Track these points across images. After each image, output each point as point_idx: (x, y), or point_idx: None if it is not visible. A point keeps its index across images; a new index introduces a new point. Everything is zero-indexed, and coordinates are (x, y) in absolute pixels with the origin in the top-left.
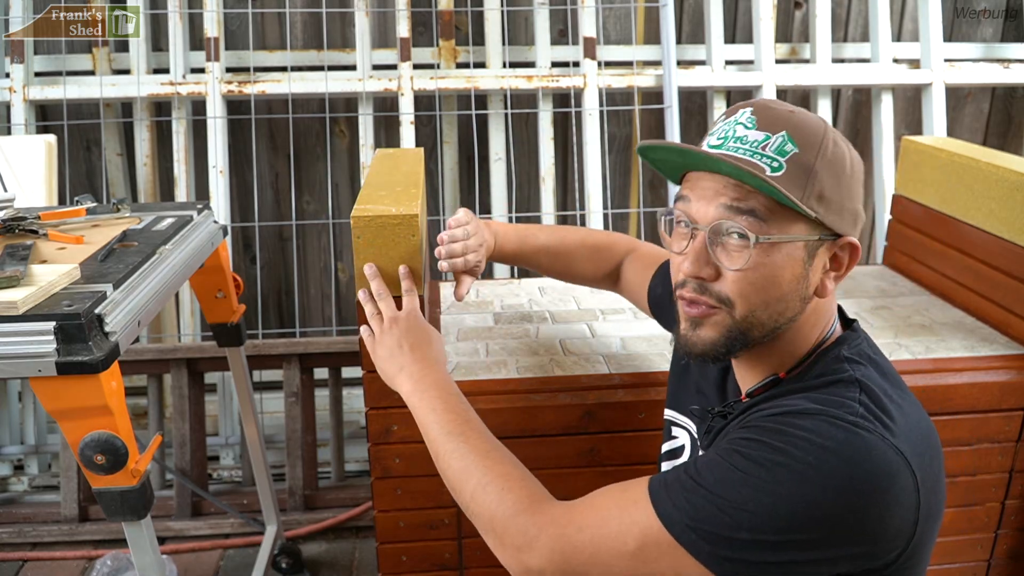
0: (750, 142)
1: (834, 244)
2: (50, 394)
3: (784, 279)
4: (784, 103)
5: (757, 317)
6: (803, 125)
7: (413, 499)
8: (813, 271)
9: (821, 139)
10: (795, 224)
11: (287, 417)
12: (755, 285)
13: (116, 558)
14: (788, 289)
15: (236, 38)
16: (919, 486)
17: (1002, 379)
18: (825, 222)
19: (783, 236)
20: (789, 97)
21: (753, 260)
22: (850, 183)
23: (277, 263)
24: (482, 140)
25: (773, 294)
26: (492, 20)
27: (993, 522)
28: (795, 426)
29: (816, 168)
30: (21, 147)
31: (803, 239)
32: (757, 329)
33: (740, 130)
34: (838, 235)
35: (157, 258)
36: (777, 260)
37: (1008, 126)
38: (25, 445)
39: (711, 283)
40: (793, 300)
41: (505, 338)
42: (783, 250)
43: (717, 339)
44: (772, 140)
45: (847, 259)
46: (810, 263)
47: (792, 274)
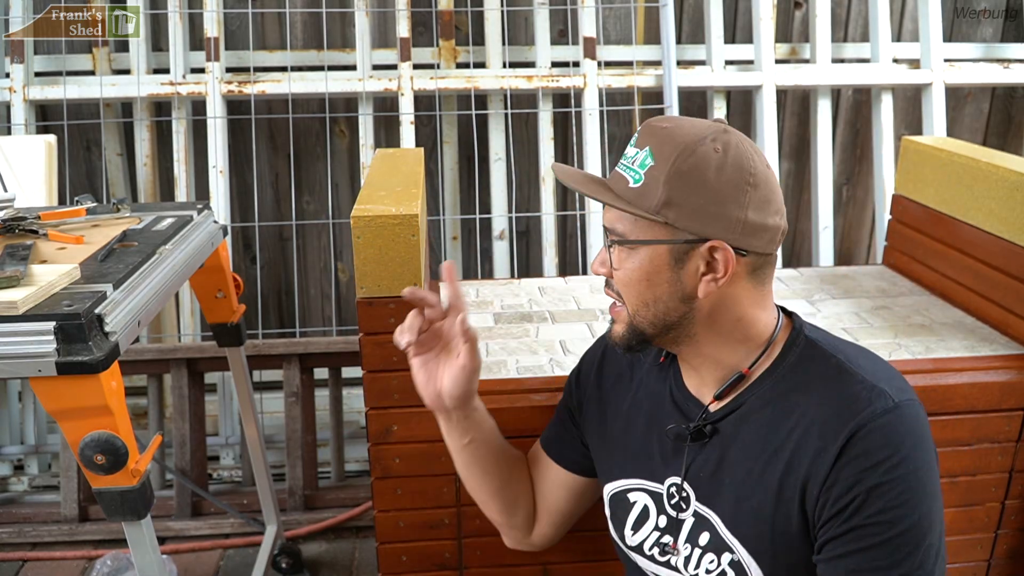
0: (629, 158)
1: (701, 248)
2: (50, 394)
3: (655, 281)
4: (678, 119)
5: (643, 315)
6: (668, 139)
7: (413, 499)
8: (686, 274)
9: (679, 151)
10: (653, 231)
11: (287, 417)
12: (628, 285)
13: (116, 558)
14: (661, 291)
15: (236, 38)
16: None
17: (1002, 379)
18: (679, 226)
19: (637, 240)
20: (789, 97)
21: (620, 261)
22: (716, 189)
23: (277, 263)
24: (482, 140)
25: (648, 295)
26: (492, 20)
27: (993, 522)
28: (876, 452)
29: (663, 178)
30: (21, 147)
31: (660, 243)
32: (648, 327)
33: (628, 147)
34: (703, 239)
35: (157, 258)
36: (642, 263)
37: (1008, 126)
38: (25, 445)
39: (612, 280)
40: (671, 301)
41: (505, 338)
42: (644, 253)
43: (623, 333)
44: (639, 155)
45: (722, 263)
46: (679, 267)
47: (661, 277)
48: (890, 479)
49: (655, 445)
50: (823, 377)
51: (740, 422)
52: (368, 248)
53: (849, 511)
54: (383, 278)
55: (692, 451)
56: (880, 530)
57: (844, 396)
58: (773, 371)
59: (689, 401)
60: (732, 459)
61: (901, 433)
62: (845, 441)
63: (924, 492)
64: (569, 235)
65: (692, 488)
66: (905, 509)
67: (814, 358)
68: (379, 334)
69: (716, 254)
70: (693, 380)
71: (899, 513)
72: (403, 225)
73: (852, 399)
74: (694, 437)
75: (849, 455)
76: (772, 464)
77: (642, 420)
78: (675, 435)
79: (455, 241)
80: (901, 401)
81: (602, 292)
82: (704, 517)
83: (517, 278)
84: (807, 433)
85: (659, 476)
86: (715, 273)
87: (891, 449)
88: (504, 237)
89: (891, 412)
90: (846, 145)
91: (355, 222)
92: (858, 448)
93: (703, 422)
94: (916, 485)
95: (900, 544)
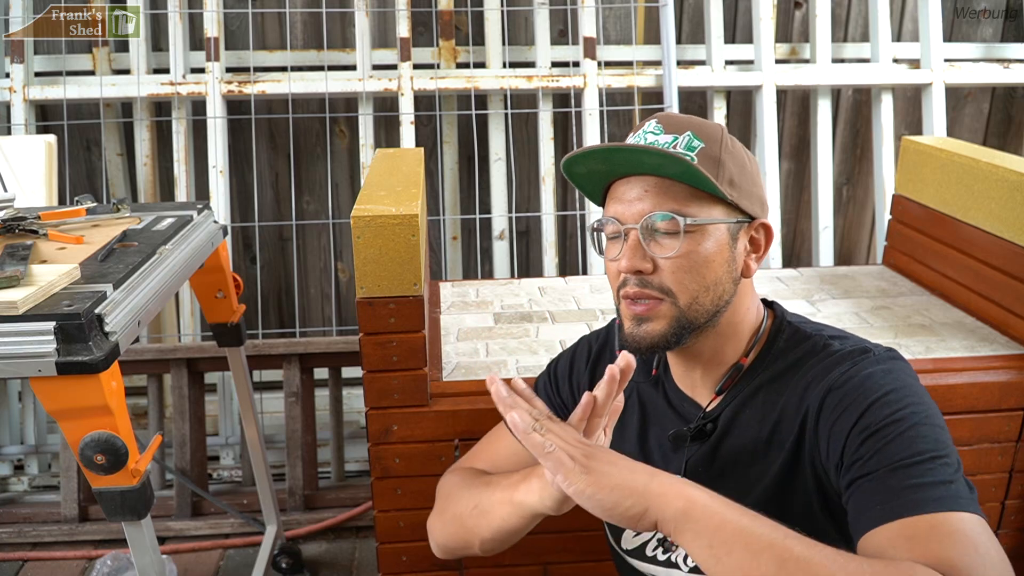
0: (661, 144)
1: (751, 226)
2: (50, 394)
3: (715, 262)
4: (683, 114)
5: (700, 303)
6: (704, 125)
7: (413, 499)
8: (738, 252)
9: (721, 134)
10: (714, 208)
11: (287, 417)
12: (691, 272)
13: (116, 558)
14: (721, 272)
15: (236, 38)
16: None
17: (1002, 379)
18: (740, 205)
19: (707, 219)
20: (789, 97)
21: (684, 246)
22: (752, 174)
23: (277, 263)
24: (482, 140)
25: (709, 278)
26: (492, 20)
27: (993, 522)
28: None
29: (723, 158)
30: (21, 147)
31: (725, 221)
32: (702, 315)
33: (650, 137)
34: (752, 218)
35: (157, 258)
36: (706, 244)
37: (1008, 126)
38: (25, 445)
39: (650, 276)
40: (727, 282)
41: (505, 338)
42: (710, 234)
43: (665, 330)
44: (680, 139)
45: (763, 240)
46: (734, 245)
47: (722, 257)
48: (889, 390)
49: (653, 447)
50: (809, 354)
51: (735, 412)
52: (368, 248)
53: (857, 425)
54: (383, 278)
55: (690, 450)
56: (894, 428)
57: (832, 359)
58: (763, 358)
59: (685, 403)
60: (730, 447)
61: (892, 375)
62: (829, 387)
63: (923, 400)
64: (569, 235)
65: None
66: (912, 408)
67: (799, 341)
68: (379, 334)
69: (758, 232)
70: (687, 382)
71: (906, 412)
72: (403, 225)
73: (839, 359)
74: (695, 437)
75: (845, 388)
76: (774, 443)
77: (637, 423)
78: (675, 437)
79: (455, 241)
80: (889, 357)
81: (602, 292)
82: None
83: (517, 278)
84: (798, 402)
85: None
86: (757, 251)
87: (874, 379)
88: (504, 237)
89: (880, 362)
90: (846, 145)
91: (355, 222)
92: (853, 382)
93: (703, 421)
94: (915, 392)
95: (914, 436)
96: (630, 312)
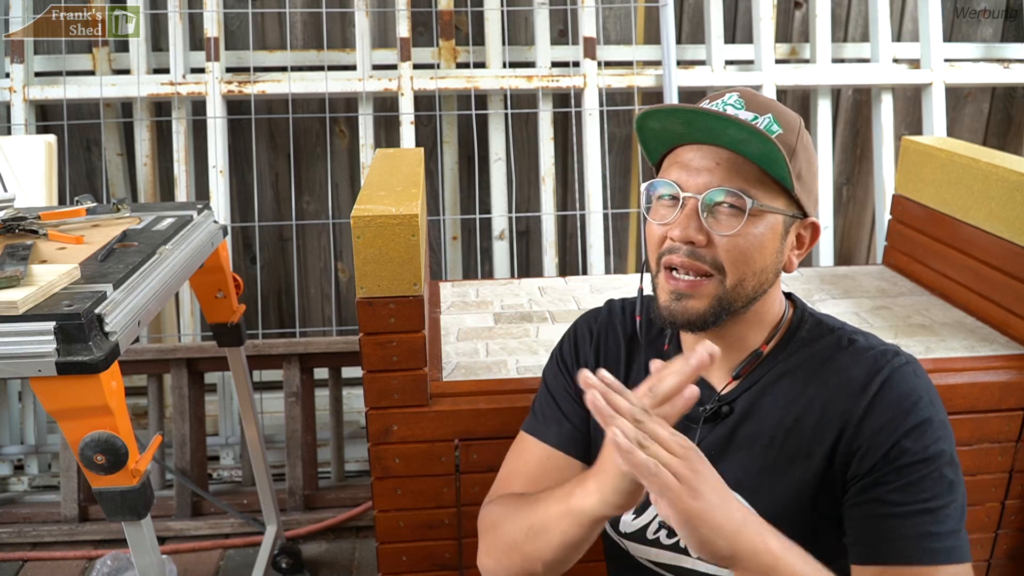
0: (742, 120)
1: (803, 223)
2: (50, 394)
3: (767, 249)
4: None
5: (744, 286)
6: (785, 111)
7: (413, 499)
8: (787, 245)
9: (799, 125)
10: (778, 198)
11: (287, 417)
12: (745, 253)
13: (116, 558)
14: (769, 261)
15: (236, 38)
16: None
17: (1002, 379)
18: (799, 199)
19: (771, 206)
20: (789, 97)
21: (744, 228)
22: (815, 171)
23: (277, 263)
24: (482, 140)
25: (758, 264)
26: (492, 20)
27: (993, 522)
28: (904, 395)
29: (797, 149)
30: (21, 147)
31: (784, 212)
32: (741, 299)
33: (730, 110)
34: (806, 214)
35: (157, 258)
36: (762, 230)
37: (1008, 126)
38: (25, 445)
39: (702, 250)
40: (771, 272)
41: (505, 338)
42: (768, 221)
43: (706, 309)
44: (761, 120)
45: (809, 238)
46: (785, 237)
47: (773, 246)
48: (924, 419)
49: None
50: (834, 347)
51: (756, 398)
52: (368, 248)
53: (890, 452)
54: (383, 278)
55: (702, 431)
56: (923, 467)
57: (861, 359)
58: (784, 347)
59: (698, 385)
60: (748, 432)
61: (918, 381)
62: (876, 391)
63: (948, 429)
64: (569, 235)
65: None
66: (941, 445)
67: (822, 333)
68: (379, 334)
69: (806, 231)
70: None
71: (936, 449)
72: (403, 225)
73: (871, 359)
74: (708, 419)
75: (882, 402)
76: (795, 432)
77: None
78: (687, 418)
79: (455, 241)
80: (909, 358)
81: (602, 292)
82: None
83: (517, 278)
84: (832, 398)
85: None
86: (801, 248)
87: (919, 392)
88: (504, 237)
89: (905, 365)
90: (846, 145)
91: (355, 222)
92: (890, 395)
93: (718, 404)
94: (943, 424)
95: (939, 479)
96: (670, 286)
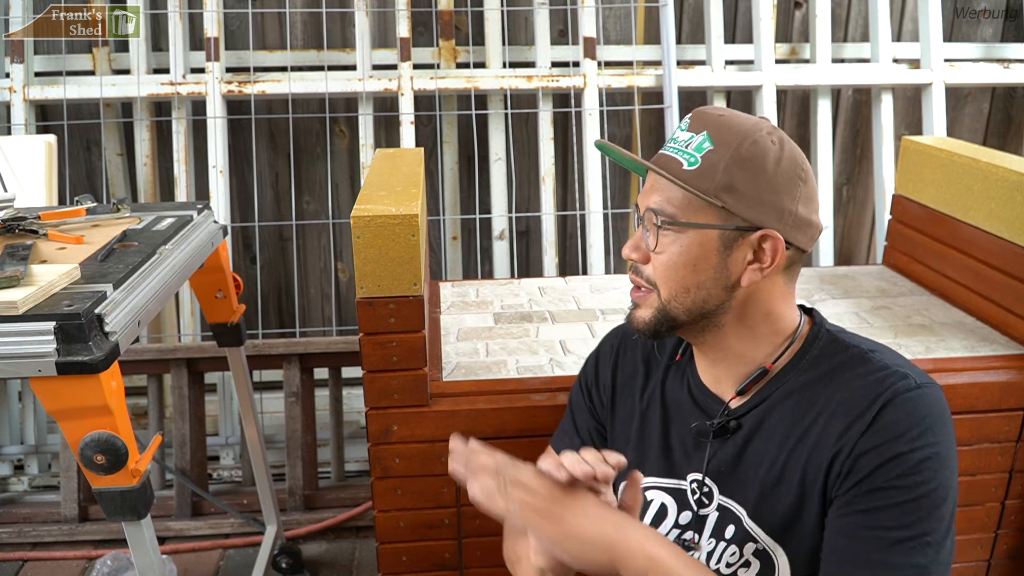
0: (680, 142)
1: (752, 236)
2: (50, 394)
3: (700, 267)
4: (726, 109)
5: (680, 301)
6: (726, 125)
7: (413, 499)
8: (733, 261)
9: (738, 137)
10: (706, 215)
11: (287, 417)
12: (671, 269)
13: (116, 558)
14: (705, 276)
15: (236, 38)
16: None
17: (1002, 379)
18: (735, 211)
19: (688, 223)
20: (789, 97)
21: (664, 245)
22: (772, 179)
23: (277, 263)
24: (482, 140)
25: (691, 280)
26: (492, 20)
27: (993, 522)
28: (901, 423)
29: (726, 162)
30: (21, 147)
31: (713, 227)
32: (682, 314)
33: (678, 132)
34: (756, 227)
35: (157, 258)
36: (690, 247)
37: (1008, 126)
38: (25, 445)
39: (643, 266)
40: (713, 288)
41: (505, 338)
42: (694, 238)
43: (649, 319)
44: (695, 139)
45: (770, 253)
46: (727, 253)
47: (708, 263)
48: (912, 448)
49: (675, 443)
50: (845, 365)
51: (764, 415)
52: (368, 248)
53: (868, 475)
54: (383, 278)
55: (713, 446)
56: (896, 494)
57: (868, 379)
58: (796, 364)
59: (708, 398)
60: (756, 450)
61: (924, 410)
62: (872, 416)
63: (943, 465)
64: (569, 235)
65: (714, 483)
66: (924, 476)
67: (836, 351)
68: (379, 334)
69: (766, 243)
70: (710, 376)
71: (917, 479)
72: (403, 225)
73: (877, 381)
74: (717, 433)
75: (874, 428)
76: (797, 451)
77: (660, 418)
78: (697, 432)
79: (455, 241)
80: (924, 383)
81: (602, 292)
82: (729, 510)
83: (517, 278)
84: (832, 416)
85: (679, 473)
86: (761, 263)
87: (915, 423)
88: (504, 237)
89: (915, 390)
90: (846, 145)
91: (355, 222)
92: (884, 420)
93: (726, 418)
94: (936, 458)
95: (913, 509)
96: (631, 295)
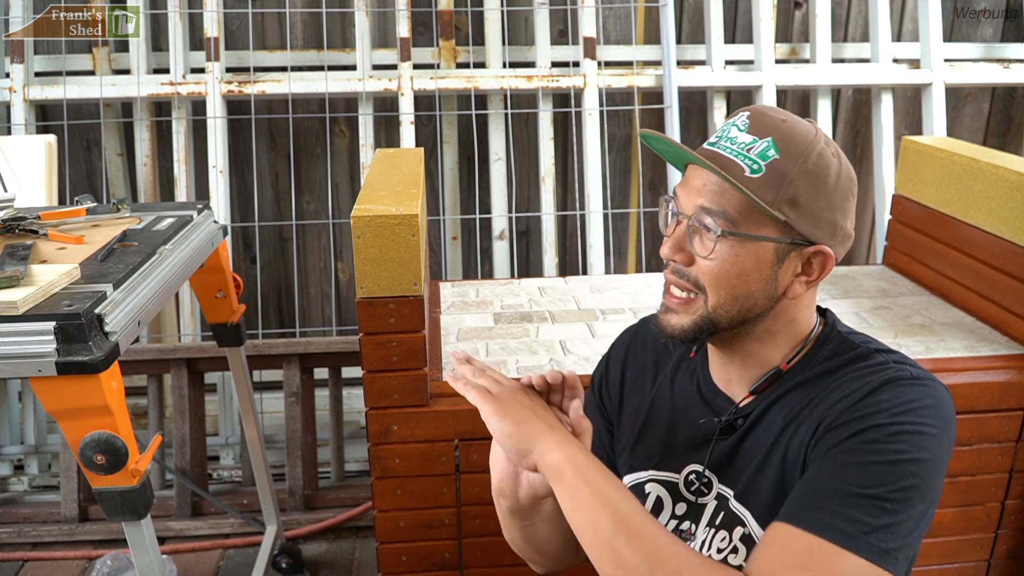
0: (739, 143)
1: (806, 251)
2: (50, 394)
3: (752, 278)
4: (782, 111)
5: (726, 309)
6: (791, 133)
7: (413, 499)
8: (783, 273)
9: (806, 149)
10: (765, 226)
11: (287, 417)
12: (722, 277)
13: (116, 558)
14: (756, 288)
15: (236, 38)
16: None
17: (1002, 379)
18: (795, 227)
19: (749, 234)
20: (789, 97)
21: (719, 252)
22: (831, 195)
23: (277, 263)
24: (482, 140)
25: (741, 290)
26: (492, 20)
27: (993, 522)
28: (886, 400)
29: (793, 175)
30: (21, 147)
31: (772, 240)
32: (725, 320)
33: (734, 131)
34: (811, 242)
35: (157, 258)
36: (745, 258)
37: (1008, 126)
38: (25, 445)
39: (688, 268)
40: (761, 298)
41: (505, 338)
42: (751, 249)
43: (688, 326)
44: (758, 144)
45: (818, 267)
46: (779, 265)
47: (760, 274)
48: (894, 421)
49: (679, 438)
50: (849, 361)
51: (765, 410)
52: (368, 248)
53: (845, 438)
54: (383, 278)
55: (717, 442)
56: (867, 455)
57: (867, 371)
58: (806, 364)
59: (717, 396)
60: (754, 439)
61: (918, 397)
62: (862, 396)
63: (927, 449)
64: (569, 235)
65: (714, 473)
66: (901, 446)
67: (844, 350)
68: (379, 334)
69: (816, 258)
70: (722, 375)
71: (893, 447)
72: (403, 225)
73: (881, 368)
74: (724, 431)
75: (861, 404)
76: (786, 434)
77: (667, 414)
78: (705, 429)
79: (455, 241)
80: (926, 379)
81: (602, 292)
82: (724, 497)
83: (517, 278)
84: (823, 401)
85: (677, 466)
86: (808, 276)
87: (904, 402)
88: (504, 237)
89: (912, 380)
90: (846, 145)
91: (355, 222)
92: (872, 399)
93: (734, 416)
94: (920, 436)
95: (880, 472)
96: (664, 300)
